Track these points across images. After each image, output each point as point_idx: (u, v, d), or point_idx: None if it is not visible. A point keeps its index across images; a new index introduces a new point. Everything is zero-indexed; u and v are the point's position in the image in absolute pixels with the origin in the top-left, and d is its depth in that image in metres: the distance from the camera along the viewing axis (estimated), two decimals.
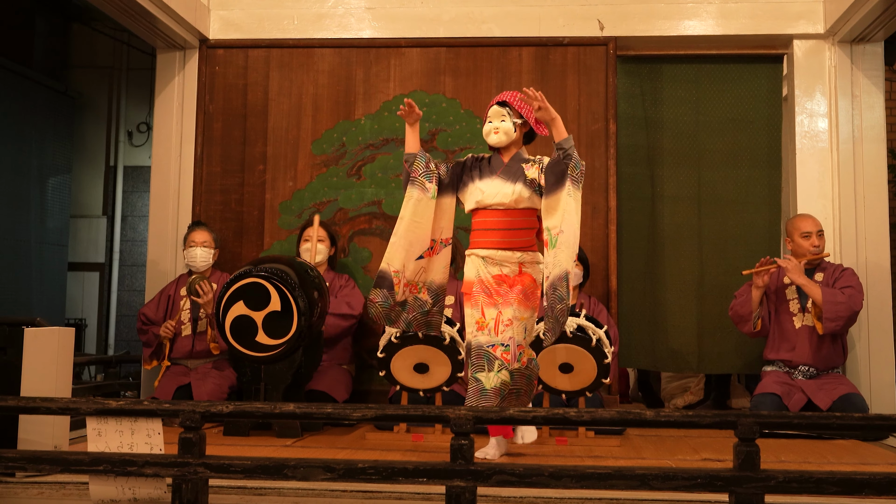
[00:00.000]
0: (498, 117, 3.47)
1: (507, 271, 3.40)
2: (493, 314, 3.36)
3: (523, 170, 3.43)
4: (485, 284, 3.40)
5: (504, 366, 3.31)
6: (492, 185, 3.45)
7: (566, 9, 5.18)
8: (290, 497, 2.81)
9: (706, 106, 5.19)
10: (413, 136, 3.52)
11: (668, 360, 5.11)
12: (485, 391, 3.30)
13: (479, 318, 3.38)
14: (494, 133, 3.47)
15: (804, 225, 4.55)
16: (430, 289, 3.53)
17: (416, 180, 3.47)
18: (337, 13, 5.34)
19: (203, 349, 4.69)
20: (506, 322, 3.34)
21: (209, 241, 4.77)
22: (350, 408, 2.60)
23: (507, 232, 3.43)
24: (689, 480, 2.39)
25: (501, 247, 3.41)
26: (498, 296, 3.38)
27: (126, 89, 8.86)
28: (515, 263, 3.41)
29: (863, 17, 4.68)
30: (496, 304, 3.37)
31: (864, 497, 2.40)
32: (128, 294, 8.68)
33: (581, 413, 2.56)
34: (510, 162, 3.48)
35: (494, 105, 3.48)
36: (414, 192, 3.48)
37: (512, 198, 3.42)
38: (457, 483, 2.40)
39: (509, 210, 3.44)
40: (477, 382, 3.33)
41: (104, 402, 2.62)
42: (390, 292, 3.46)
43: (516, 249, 3.41)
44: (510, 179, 3.43)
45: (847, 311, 4.30)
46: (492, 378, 3.30)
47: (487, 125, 3.49)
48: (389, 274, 3.45)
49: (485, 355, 3.32)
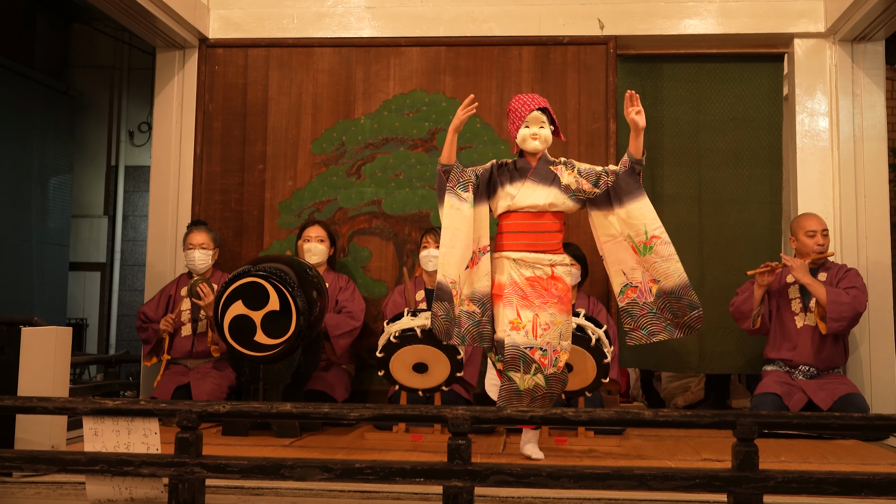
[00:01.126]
0: (537, 123, 3.44)
1: (539, 273, 3.39)
2: (530, 316, 3.35)
3: (554, 174, 3.43)
4: (518, 286, 3.38)
5: (541, 370, 3.31)
6: (522, 189, 3.43)
7: (566, 8, 5.17)
8: (288, 497, 2.80)
9: (707, 105, 5.18)
10: (453, 144, 3.45)
11: (668, 359, 5.10)
12: (518, 392, 3.31)
13: (514, 319, 3.35)
14: (533, 139, 3.43)
15: (809, 223, 4.54)
16: (475, 299, 3.45)
17: (452, 190, 3.44)
18: (337, 12, 5.33)
19: (203, 350, 4.69)
20: (543, 326, 3.34)
21: (207, 243, 4.76)
22: (348, 408, 2.59)
23: (538, 235, 3.42)
24: (688, 481, 2.39)
25: (533, 249, 3.41)
26: (534, 297, 3.37)
27: (127, 89, 8.87)
28: (548, 265, 3.40)
29: (864, 16, 4.67)
30: (531, 307, 3.36)
31: (864, 497, 2.39)
32: (129, 294, 8.69)
33: (580, 413, 2.56)
34: (539, 164, 3.47)
35: (535, 111, 3.42)
36: (453, 202, 3.43)
37: (546, 201, 3.42)
38: (454, 483, 2.39)
39: (541, 213, 3.43)
40: (510, 382, 3.33)
41: (101, 402, 2.62)
42: (451, 304, 3.41)
43: (548, 252, 3.41)
44: (542, 183, 3.42)
45: (851, 312, 4.29)
46: (526, 380, 3.31)
47: (524, 130, 3.44)
48: (448, 285, 3.40)
49: (521, 356, 3.31)
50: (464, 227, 3.42)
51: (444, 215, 3.47)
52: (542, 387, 3.33)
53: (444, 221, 3.46)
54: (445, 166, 3.46)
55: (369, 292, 5.03)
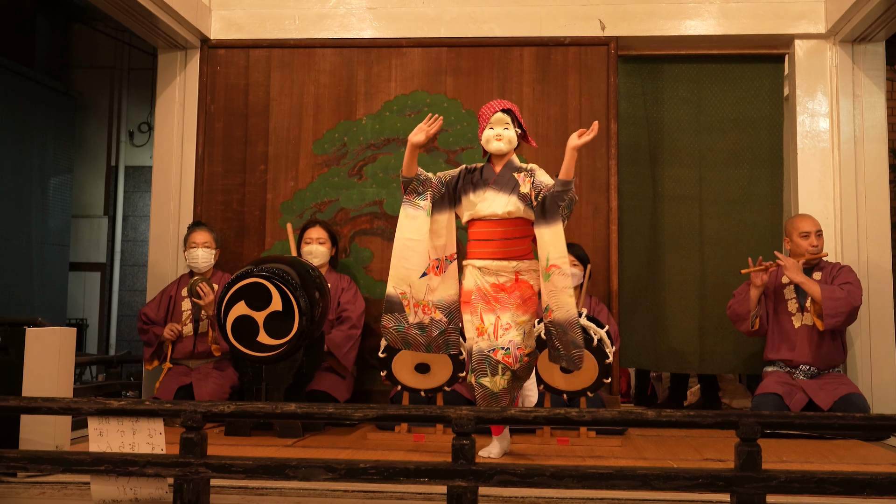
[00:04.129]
0: (501, 124, 3.44)
1: (503, 280, 3.41)
2: (492, 319, 3.38)
3: (516, 180, 3.42)
4: (483, 292, 3.41)
5: (507, 368, 3.34)
6: (484, 198, 3.45)
7: (567, 9, 5.18)
8: (292, 497, 2.81)
9: (707, 106, 5.19)
10: (413, 157, 3.45)
11: (669, 359, 5.11)
12: (494, 395, 3.34)
13: (479, 325, 3.39)
14: (497, 140, 3.44)
15: (803, 225, 4.55)
16: (442, 307, 3.49)
17: (409, 201, 3.48)
18: (338, 13, 5.34)
19: (204, 350, 4.69)
20: (504, 326, 3.36)
21: (210, 242, 4.77)
22: (351, 408, 2.60)
23: (501, 242, 3.43)
24: (691, 480, 2.39)
25: (497, 257, 3.42)
26: (496, 302, 3.39)
27: (127, 89, 8.87)
28: (512, 272, 3.42)
29: (864, 17, 4.68)
30: (494, 310, 3.39)
31: (865, 497, 2.40)
32: (129, 294, 8.69)
33: (582, 413, 2.57)
34: (502, 171, 3.46)
35: (498, 112, 3.44)
36: (408, 211, 3.48)
37: (505, 209, 3.42)
38: (458, 483, 2.40)
39: (503, 220, 3.44)
40: (483, 388, 3.35)
41: (105, 402, 2.62)
42: (402, 315, 3.46)
43: (512, 259, 3.42)
44: (503, 191, 3.43)
45: (847, 307, 4.31)
46: (497, 381, 3.33)
47: (489, 132, 3.45)
48: (396, 296, 3.45)
49: (486, 360, 3.34)
50: (418, 236, 3.45)
51: (399, 226, 3.49)
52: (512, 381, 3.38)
53: (396, 233, 3.49)
54: (405, 178, 3.48)
55: (371, 293, 5.04)
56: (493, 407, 3.30)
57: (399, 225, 3.49)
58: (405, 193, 3.50)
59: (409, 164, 3.46)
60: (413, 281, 3.45)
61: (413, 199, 3.47)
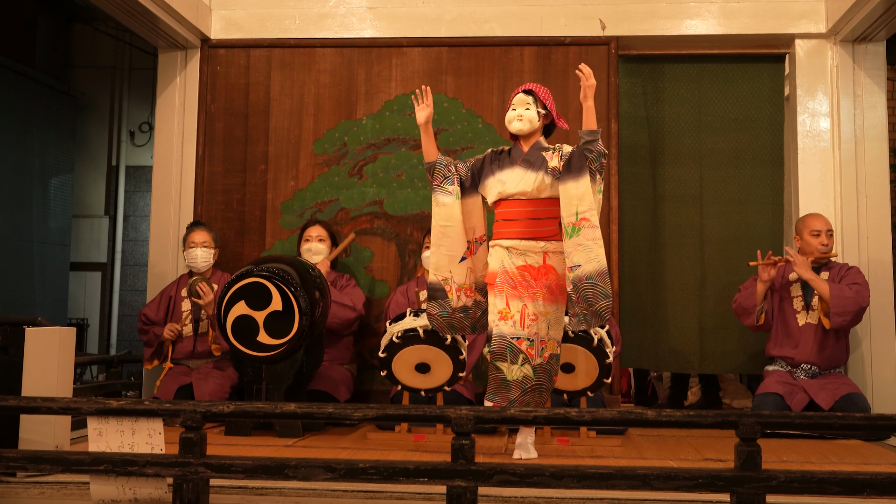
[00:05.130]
0: (522, 105, 3.46)
1: (531, 261, 3.39)
2: (519, 306, 3.34)
3: (544, 158, 3.42)
4: (509, 275, 3.38)
5: (528, 360, 3.32)
6: (512, 176, 3.44)
7: (568, 8, 5.18)
8: (292, 497, 2.81)
9: (708, 105, 5.19)
10: (428, 141, 3.49)
11: (669, 359, 5.10)
12: (506, 381, 3.31)
13: (504, 308, 3.36)
14: (518, 120, 3.46)
15: (814, 223, 4.55)
16: (479, 288, 3.53)
17: (438, 187, 3.50)
18: (338, 13, 5.33)
19: (204, 349, 4.69)
20: (531, 316, 3.34)
21: (209, 242, 4.77)
22: (351, 407, 2.60)
23: (530, 222, 3.42)
24: (691, 480, 2.39)
25: (525, 237, 3.41)
26: (523, 288, 3.36)
27: (128, 89, 8.88)
28: (539, 253, 3.39)
29: (865, 17, 4.67)
30: (521, 297, 3.35)
31: (866, 497, 2.40)
32: (130, 294, 8.70)
33: (582, 413, 2.56)
34: (530, 151, 3.46)
35: (520, 93, 3.48)
36: (439, 198, 3.50)
37: (534, 186, 3.40)
38: (458, 483, 2.40)
39: (532, 200, 3.42)
40: (498, 371, 3.32)
41: (105, 402, 2.62)
42: (445, 301, 3.48)
43: (540, 239, 3.40)
44: (532, 168, 3.42)
45: (854, 306, 4.30)
46: (514, 370, 3.31)
47: (511, 112, 3.48)
48: (438, 282, 3.48)
49: (508, 346, 3.31)
50: (451, 222, 3.48)
51: (433, 214, 3.53)
52: (530, 378, 3.32)
53: (432, 220, 3.53)
54: (428, 164, 3.52)
55: (371, 292, 5.04)
56: (501, 394, 3.29)
57: (434, 213, 3.52)
58: (433, 179, 3.51)
59: (428, 148, 3.50)
60: (454, 266, 3.48)
61: (441, 184, 3.50)
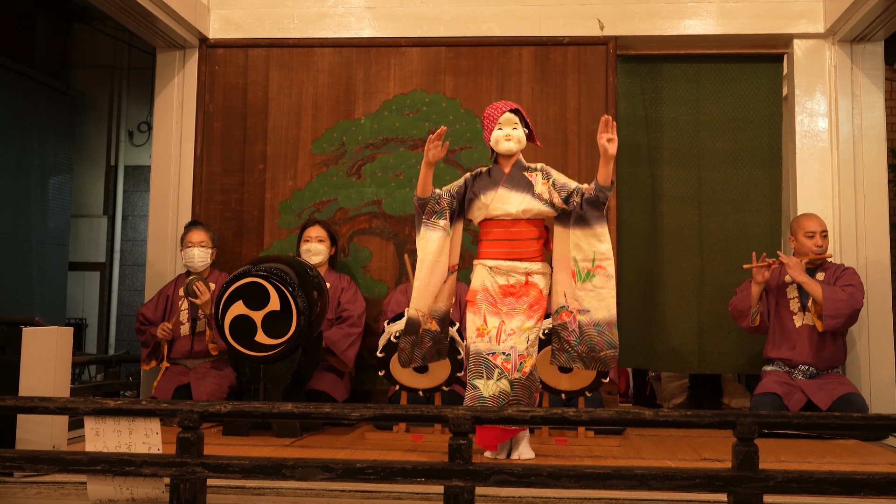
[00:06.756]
0: (510, 125, 3.44)
1: (513, 281, 3.40)
2: (496, 322, 3.36)
3: (528, 180, 3.42)
4: (490, 293, 3.40)
5: (504, 374, 3.31)
6: (496, 198, 3.44)
7: (566, 8, 5.18)
8: (289, 497, 2.81)
9: (706, 105, 5.18)
10: (428, 176, 3.45)
11: (668, 359, 5.10)
12: (482, 398, 3.30)
13: (481, 325, 3.38)
14: (506, 140, 3.44)
15: (809, 224, 4.55)
16: (436, 316, 3.53)
17: (428, 222, 3.47)
18: (337, 12, 5.33)
19: (202, 349, 4.69)
20: (508, 332, 3.34)
21: (206, 241, 4.77)
22: (349, 407, 2.60)
23: (513, 243, 3.43)
24: (688, 480, 2.39)
25: (508, 258, 3.42)
26: (503, 305, 3.37)
27: (127, 89, 8.87)
28: (522, 274, 3.41)
29: (863, 17, 4.67)
30: (499, 314, 3.37)
31: (863, 497, 2.40)
32: (128, 294, 8.69)
33: (580, 413, 2.56)
34: (512, 170, 3.46)
35: (507, 112, 3.44)
36: (429, 234, 3.47)
37: (519, 208, 3.42)
38: (455, 483, 2.40)
39: (516, 220, 3.43)
40: (474, 389, 3.33)
41: (102, 402, 2.62)
42: (416, 336, 3.50)
43: (524, 260, 3.41)
44: (515, 189, 3.42)
45: (848, 309, 4.30)
46: (490, 386, 3.30)
47: (498, 132, 3.45)
48: (418, 318, 3.49)
49: (483, 363, 3.32)
50: (441, 256, 3.47)
51: (420, 248, 3.49)
52: (507, 393, 3.30)
53: (420, 254, 3.48)
54: (421, 199, 3.48)
55: (370, 292, 5.04)
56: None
57: (424, 247, 3.48)
58: (423, 214, 3.48)
59: (424, 184, 3.45)
60: (430, 301, 3.48)
61: (432, 219, 3.47)
